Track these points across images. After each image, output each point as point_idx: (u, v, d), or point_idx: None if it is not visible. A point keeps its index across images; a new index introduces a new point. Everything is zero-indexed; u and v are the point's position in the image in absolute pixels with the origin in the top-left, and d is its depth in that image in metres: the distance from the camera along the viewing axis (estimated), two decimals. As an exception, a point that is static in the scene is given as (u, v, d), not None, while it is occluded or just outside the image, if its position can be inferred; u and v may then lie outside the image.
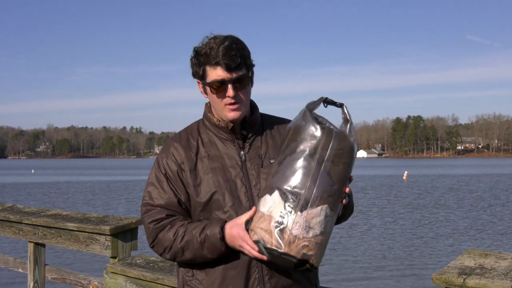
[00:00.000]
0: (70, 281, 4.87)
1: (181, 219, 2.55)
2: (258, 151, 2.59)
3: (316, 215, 2.28)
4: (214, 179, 2.53)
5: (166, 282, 3.75)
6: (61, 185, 53.17)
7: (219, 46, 2.46)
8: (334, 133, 2.35)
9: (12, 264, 5.55)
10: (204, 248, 2.45)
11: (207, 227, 2.45)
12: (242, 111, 2.55)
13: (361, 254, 17.08)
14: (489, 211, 29.00)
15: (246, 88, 2.54)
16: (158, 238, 2.54)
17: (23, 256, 5.54)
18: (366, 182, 54.27)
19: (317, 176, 2.30)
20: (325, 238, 2.32)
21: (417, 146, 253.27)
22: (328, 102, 2.45)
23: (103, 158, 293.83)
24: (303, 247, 2.26)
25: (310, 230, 2.26)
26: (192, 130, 2.68)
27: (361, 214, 26.86)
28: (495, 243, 19.16)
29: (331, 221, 2.34)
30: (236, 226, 2.38)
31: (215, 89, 2.50)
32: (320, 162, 2.31)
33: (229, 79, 2.47)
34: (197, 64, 2.54)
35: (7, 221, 5.39)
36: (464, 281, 2.30)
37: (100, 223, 4.44)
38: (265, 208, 2.32)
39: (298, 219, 2.26)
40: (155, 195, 2.58)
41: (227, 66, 2.46)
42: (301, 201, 2.27)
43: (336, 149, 2.33)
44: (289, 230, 2.25)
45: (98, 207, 31.54)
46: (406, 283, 13.63)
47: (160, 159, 2.63)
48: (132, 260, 4.22)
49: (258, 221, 2.31)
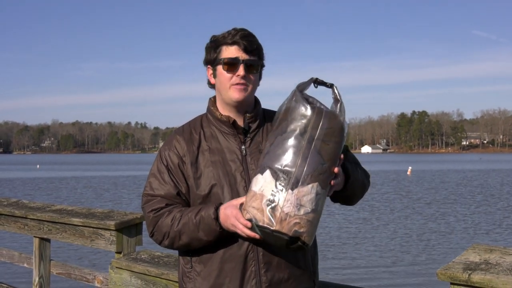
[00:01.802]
0: (76, 276, 4.88)
1: (179, 206, 2.58)
2: (259, 145, 2.61)
3: (307, 193, 2.29)
4: (214, 172, 2.56)
5: (171, 277, 3.76)
6: (66, 180, 53.25)
7: (237, 32, 2.57)
8: (324, 112, 2.37)
9: (18, 259, 5.56)
10: (199, 229, 2.47)
11: (202, 209, 2.49)
12: (246, 95, 2.59)
13: (365, 248, 17.07)
14: (494, 206, 28.94)
15: (255, 74, 2.60)
16: (157, 225, 2.58)
17: (28, 251, 5.55)
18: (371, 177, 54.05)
19: (307, 154, 2.32)
20: (316, 216, 2.33)
21: (422, 142, 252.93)
22: (318, 83, 2.48)
23: (108, 153, 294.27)
24: (295, 225, 2.27)
25: (301, 207, 2.27)
26: (195, 123, 2.72)
27: (365, 209, 26.85)
28: (506, 238, 19.12)
29: (322, 199, 2.35)
30: (230, 206, 2.42)
31: (227, 65, 2.56)
32: (310, 141, 2.33)
33: (243, 58, 2.55)
34: (213, 46, 2.62)
35: (12, 216, 5.40)
36: (469, 277, 2.29)
37: (105, 218, 4.45)
38: (257, 187, 2.33)
39: (289, 197, 2.27)
40: (156, 185, 2.62)
41: (244, 47, 2.55)
42: (292, 179, 2.29)
43: (326, 128, 2.35)
44: (280, 208, 2.27)
45: (103, 202, 31.59)
46: (411, 278, 13.61)
47: (163, 151, 2.68)
48: (137, 255, 4.22)
49: (250, 200, 2.33)
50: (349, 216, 24.19)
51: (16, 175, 64.43)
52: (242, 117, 2.64)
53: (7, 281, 6.38)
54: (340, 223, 22.21)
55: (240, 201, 2.40)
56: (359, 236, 19.34)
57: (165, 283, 3.84)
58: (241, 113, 2.64)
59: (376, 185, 44.79)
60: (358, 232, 20.30)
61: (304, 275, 2.59)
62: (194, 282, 2.59)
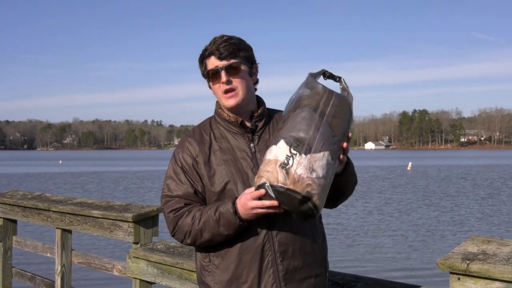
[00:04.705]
0: (95, 265, 4.89)
1: (197, 206, 2.58)
2: (266, 143, 2.61)
3: (319, 159, 2.31)
4: (227, 170, 2.57)
5: (185, 266, 3.76)
6: (86, 175, 53.43)
7: (214, 41, 2.59)
8: (334, 93, 2.43)
9: (41, 249, 5.59)
10: (220, 225, 2.47)
11: (220, 205, 2.49)
12: (239, 99, 2.60)
13: (367, 238, 17.05)
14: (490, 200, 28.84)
15: (239, 75, 2.59)
16: (178, 225, 2.57)
17: (51, 241, 5.57)
18: (373, 172, 54.12)
19: (319, 125, 2.35)
20: (326, 183, 2.34)
21: (422, 138, 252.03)
22: (327, 76, 2.53)
23: (125, 149, 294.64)
24: (307, 186, 2.27)
25: (313, 171, 2.29)
26: (205, 125, 2.73)
27: (366, 203, 26.82)
28: (503, 229, 19.05)
29: (332, 169, 2.37)
30: (243, 195, 2.42)
31: (211, 77, 2.60)
32: (322, 115, 2.37)
33: (222, 66, 2.56)
34: (200, 61, 2.66)
35: (36, 209, 5.42)
36: (468, 266, 2.29)
37: (123, 211, 4.46)
38: (271, 155, 2.35)
39: (303, 161, 2.29)
40: (173, 187, 2.62)
41: (220, 54, 2.56)
42: (305, 146, 2.31)
43: (337, 105, 2.40)
44: (294, 170, 2.28)
45: (121, 195, 31.68)
46: (411, 267, 13.57)
47: (177, 153, 2.68)
48: (153, 246, 4.23)
49: (265, 166, 2.34)
50: (349, 209, 24.16)
51: (39, 170, 64.70)
52: (248, 117, 2.65)
53: (32, 270, 6.39)
54: (340, 215, 22.18)
55: (251, 190, 2.39)
56: (359, 228, 19.32)
57: (179, 272, 3.85)
58: (246, 113, 2.65)
59: (377, 179, 44.67)
60: (358, 224, 20.26)
61: (316, 262, 2.60)
62: (213, 274, 2.59)
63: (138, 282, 4.26)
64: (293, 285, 2.53)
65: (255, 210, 2.38)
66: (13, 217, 5.88)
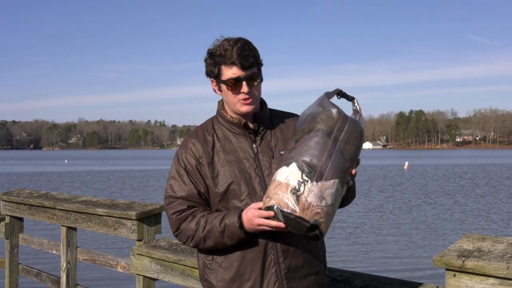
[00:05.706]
0: (100, 262, 4.89)
1: (201, 210, 2.56)
2: (269, 143, 2.61)
3: (329, 187, 2.31)
4: (230, 171, 2.55)
5: (188, 263, 3.77)
6: (91, 174, 53.43)
7: (233, 47, 2.49)
8: (349, 118, 2.41)
9: (47, 246, 5.59)
10: (224, 236, 2.46)
11: (226, 217, 2.46)
12: (255, 105, 2.58)
13: (367, 236, 17.05)
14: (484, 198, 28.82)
15: (258, 84, 2.57)
16: (181, 228, 2.56)
17: (57, 239, 5.57)
18: (371, 171, 54.08)
19: (332, 152, 2.34)
20: (333, 210, 2.34)
21: (418, 138, 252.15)
22: (341, 95, 2.51)
23: (129, 149, 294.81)
24: (316, 214, 2.27)
25: (323, 199, 2.28)
26: (207, 126, 2.69)
27: (364, 202, 26.80)
28: (497, 227, 19.04)
29: (339, 196, 2.37)
30: (251, 209, 2.40)
31: (231, 86, 2.53)
32: (335, 142, 2.36)
33: (243, 76, 2.50)
34: (212, 64, 2.56)
35: (42, 207, 5.42)
36: (463, 263, 2.29)
37: (127, 209, 4.46)
38: (282, 177, 2.33)
39: (314, 188, 2.28)
40: (177, 187, 2.60)
41: (242, 65, 2.49)
42: (317, 173, 2.30)
43: (350, 132, 2.38)
44: (304, 197, 2.27)
45: (125, 193, 31.68)
46: (408, 264, 13.56)
47: (180, 154, 2.64)
48: (156, 243, 4.23)
49: (275, 188, 2.33)
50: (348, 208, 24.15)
51: (45, 169, 64.74)
52: (250, 118, 2.62)
53: (38, 266, 6.39)
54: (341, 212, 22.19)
55: (259, 205, 2.38)
56: (357, 226, 19.30)
57: (182, 269, 3.85)
58: (249, 114, 2.62)
59: (375, 178, 44.64)
60: (356, 222, 20.25)
61: (315, 260, 2.60)
62: (216, 273, 2.58)
63: (141, 278, 4.26)
64: (295, 282, 2.53)
65: (261, 227, 2.39)
66: (19, 215, 5.88)
